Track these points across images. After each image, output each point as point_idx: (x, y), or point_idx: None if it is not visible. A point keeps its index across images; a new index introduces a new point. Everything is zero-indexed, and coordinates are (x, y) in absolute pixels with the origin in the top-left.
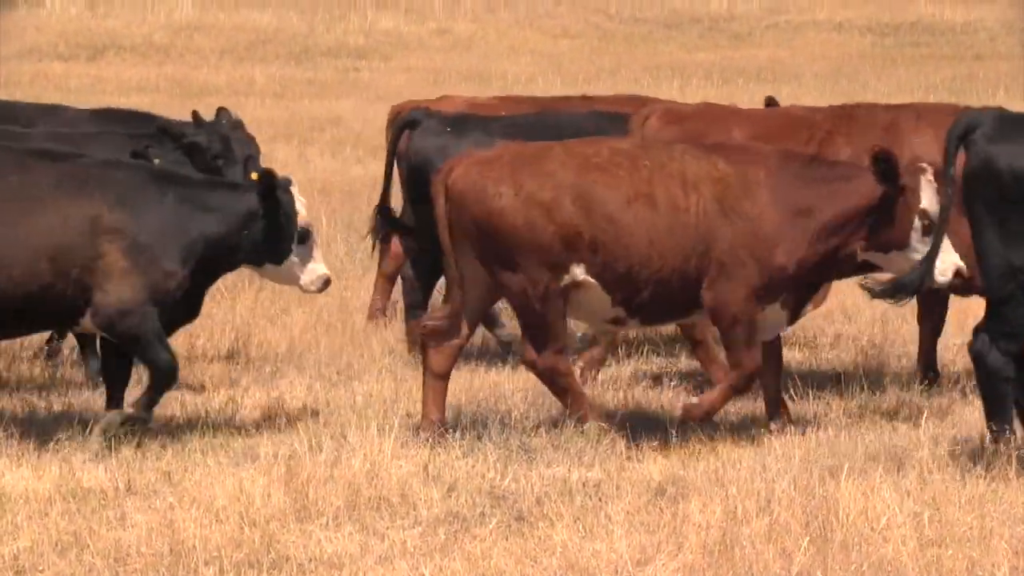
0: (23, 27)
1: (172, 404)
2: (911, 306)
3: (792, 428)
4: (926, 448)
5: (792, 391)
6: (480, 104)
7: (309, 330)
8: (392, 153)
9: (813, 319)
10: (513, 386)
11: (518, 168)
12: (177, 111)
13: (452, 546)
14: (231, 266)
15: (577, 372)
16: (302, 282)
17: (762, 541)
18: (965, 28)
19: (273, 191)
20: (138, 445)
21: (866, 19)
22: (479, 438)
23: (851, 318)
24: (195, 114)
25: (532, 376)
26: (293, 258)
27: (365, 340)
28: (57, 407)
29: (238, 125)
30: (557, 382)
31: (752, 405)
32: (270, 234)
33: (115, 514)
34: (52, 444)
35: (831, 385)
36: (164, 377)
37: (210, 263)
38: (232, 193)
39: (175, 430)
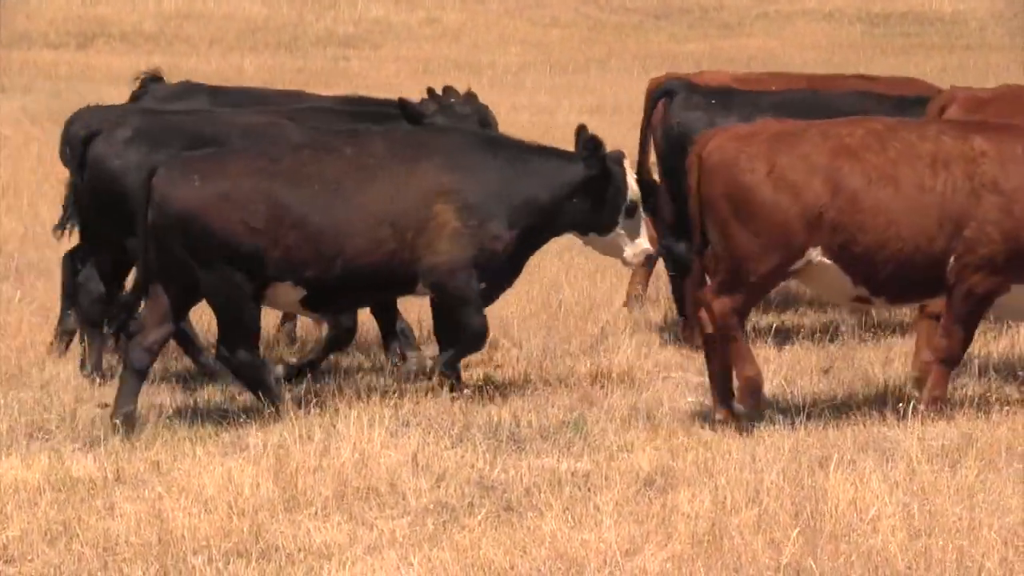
0: (12, 15)
1: (161, 394)
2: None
3: (781, 419)
4: (915, 439)
5: (783, 381)
6: (749, 79)
7: (301, 320)
8: (647, 122)
9: (803, 310)
10: (503, 376)
11: (774, 146)
12: None
13: (441, 536)
14: (554, 232)
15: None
16: (625, 255)
17: (751, 532)
18: (955, 18)
19: (604, 163)
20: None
21: (856, 8)
22: (468, 428)
23: (840, 309)
24: (430, 91)
25: (520, 365)
26: (619, 230)
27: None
28: (46, 397)
29: (472, 98)
30: (727, 330)
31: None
32: (598, 205)
33: (104, 504)
34: (41, 434)
35: (820, 375)
36: (474, 339)
37: (535, 229)
38: (561, 161)
39: (164, 420)
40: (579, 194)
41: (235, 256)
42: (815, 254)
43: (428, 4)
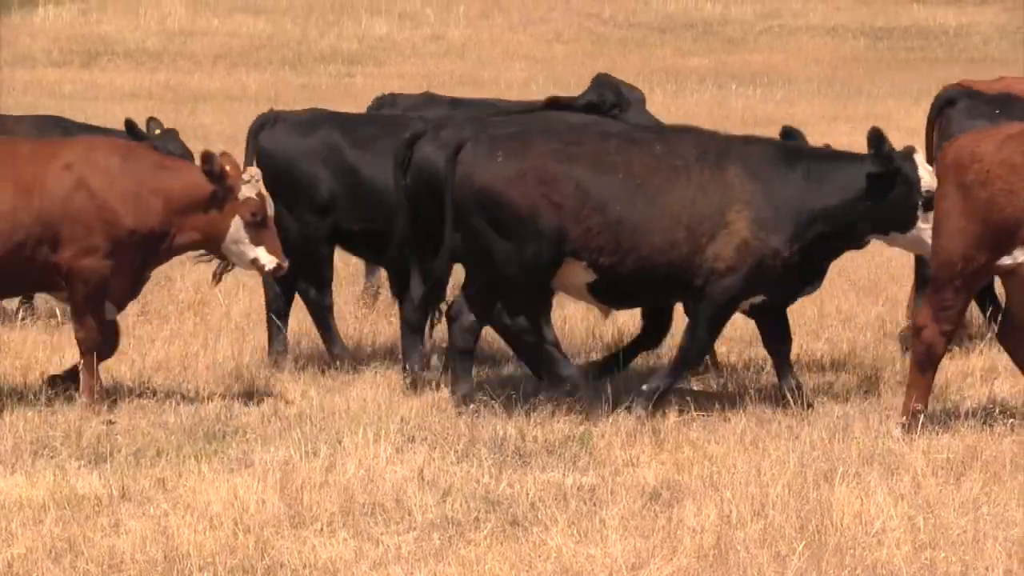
0: (17, 33)
1: (166, 411)
2: (901, 309)
3: (787, 432)
4: (920, 452)
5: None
6: None
7: (303, 336)
8: (930, 131)
9: (808, 323)
10: (508, 390)
11: (1003, 145)
12: (171, 117)
13: (447, 551)
14: (855, 238)
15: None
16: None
17: (756, 545)
18: (959, 32)
19: (892, 160)
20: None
21: (860, 23)
22: (473, 443)
23: (844, 323)
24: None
25: (527, 380)
26: (921, 224)
27: (360, 345)
28: (51, 414)
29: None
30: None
31: (746, 409)
32: (893, 204)
33: (109, 521)
34: (46, 451)
35: (825, 389)
36: (697, 353)
37: (829, 237)
38: (852, 165)
39: (169, 436)
40: (872, 196)
41: (533, 230)
42: (1020, 255)
43: (432, 21)
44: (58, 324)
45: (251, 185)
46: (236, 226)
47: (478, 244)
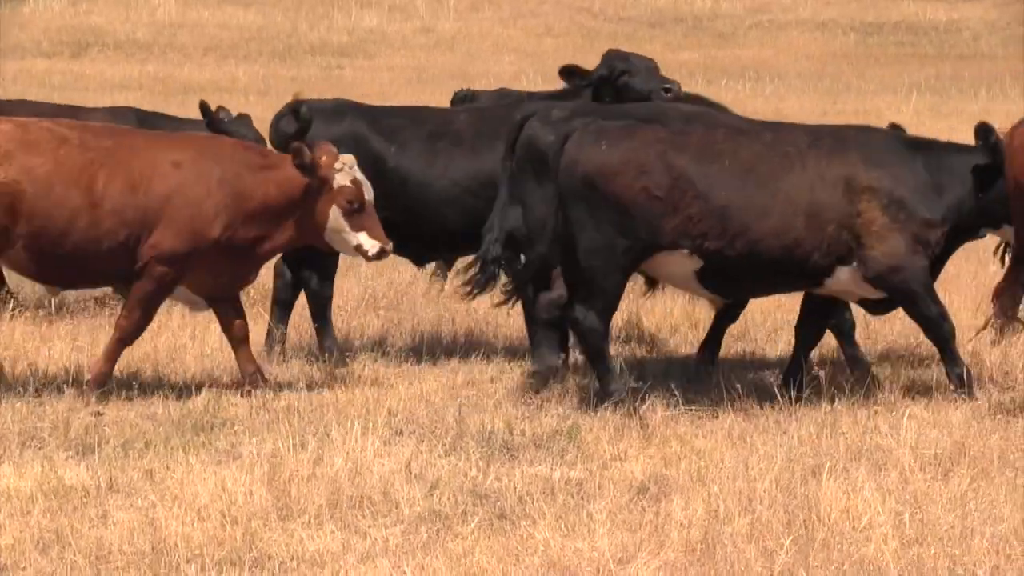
0: (7, 24)
1: (154, 402)
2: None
3: (774, 428)
4: (908, 447)
5: (774, 389)
6: None
7: (292, 328)
8: None
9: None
10: (496, 384)
11: None
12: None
13: (434, 544)
14: (974, 230)
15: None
16: None
17: (744, 540)
18: (948, 27)
19: (998, 151)
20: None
21: (849, 18)
22: (461, 436)
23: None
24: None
25: (515, 374)
26: None
27: (348, 338)
28: (40, 405)
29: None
30: None
31: (738, 403)
32: (1004, 195)
33: (97, 512)
34: (34, 442)
35: (813, 384)
36: (939, 327)
37: (957, 229)
38: (966, 156)
39: (157, 428)
40: (984, 187)
41: (629, 221)
42: None
43: (422, 13)
44: (47, 315)
45: (345, 172)
46: (335, 215)
47: (577, 231)
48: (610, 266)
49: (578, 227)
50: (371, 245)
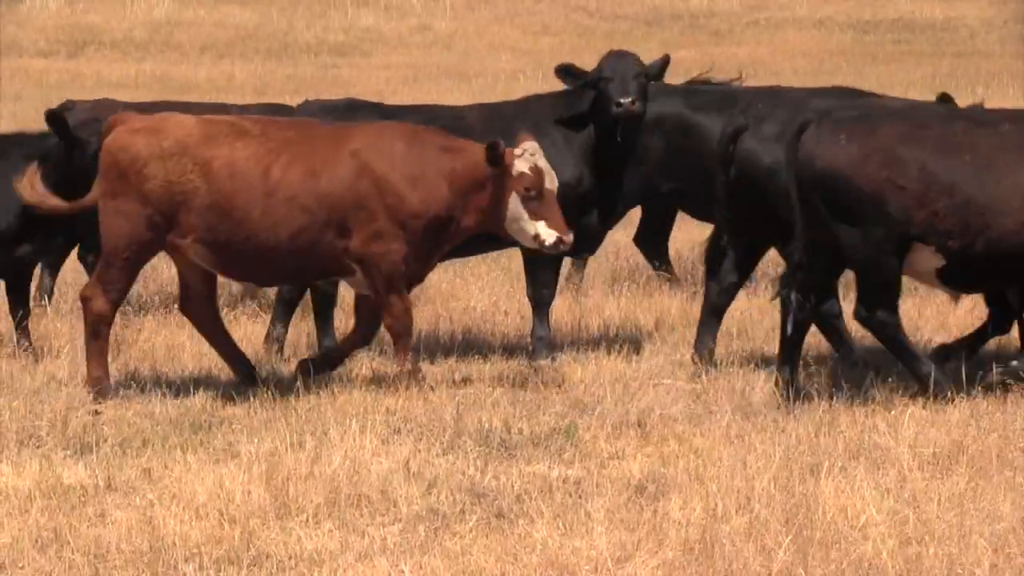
0: (3, 22)
1: (152, 401)
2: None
3: (773, 426)
4: (906, 446)
5: (773, 388)
6: None
7: (291, 327)
8: None
9: None
10: (494, 383)
11: None
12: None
13: (432, 543)
14: None
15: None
16: None
17: (742, 539)
18: (946, 24)
19: None
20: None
21: (846, 15)
22: (459, 435)
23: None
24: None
25: (513, 372)
26: None
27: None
28: (38, 404)
29: None
30: None
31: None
32: None
33: (95, 511)
34: (32, 441)
35: (811, 383)
36: None
37: None
38: None
39: (155, 427)
40: None
41: (877, 213)
42: None
43: (419, 12)
44: (44, 312)
45: (524, 159)
46: (514, 203)
47: (817, 227)
48: (876, 256)
49: (824, 223)
50: (548, 235)
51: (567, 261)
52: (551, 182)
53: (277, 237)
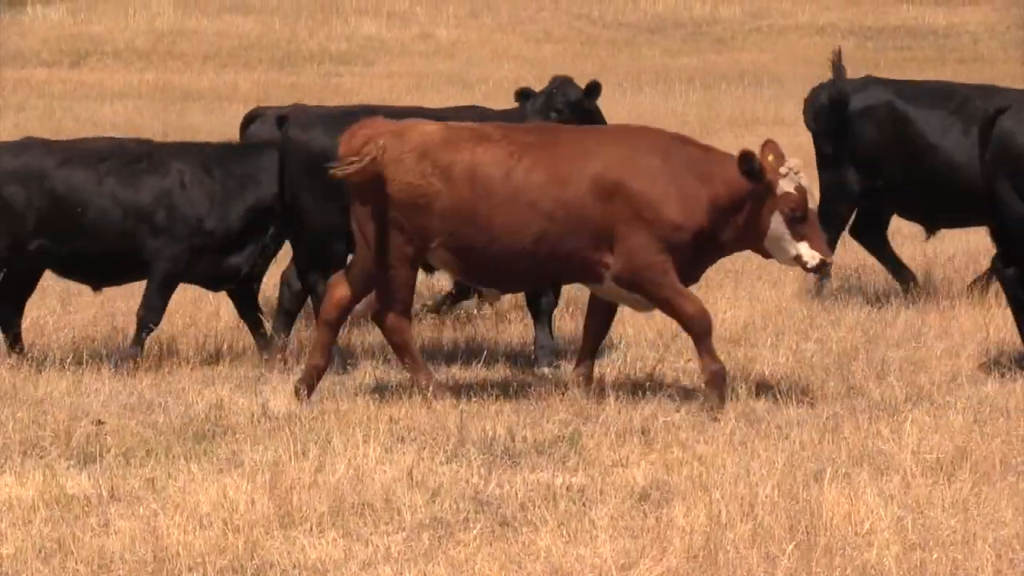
0: (6, 33)
1: (156, 410)
2: (891, 308)
3: (776, 433)
4: (909, 452)
5: (776, 394)
6: None
7: (291, 335)
8: None
9: (797, 323)
10: (497, 390)
11: None
12: (160, 117)
13: (436, 552)
14: None
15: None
16: None
17: (746, 546)
18: (948, 31)
19: None
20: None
21: (848, 22)
22: (463, 443)
23: (834, 323)
24: None
25: (516, 380)
26: None
27: (350, 345)
28: (41, 414)
29: None
30: None
31: (738, 409)
32: None
33: (99, 521)
34: (35, 451)
35: (814, 389)
36: None
37: None
38: None
39: (159, 436)
40: None
41: None
42: None
43: (421, 20)
44: (46, 323)
45: (790, 178)
46: (776, 222)
47: (1012, 209)
48: None
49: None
50: (811, 256)
51: None
52: (814, 201)
53: (520, 243)
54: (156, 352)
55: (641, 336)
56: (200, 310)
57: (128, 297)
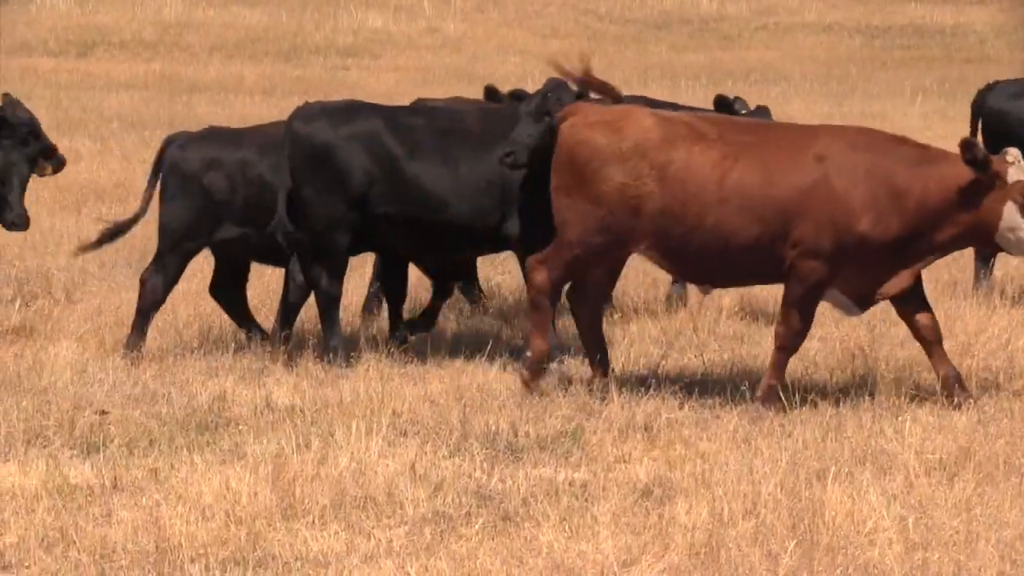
0: (13, 23)
1: (159, 401)
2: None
3: (779, 431)
4: (913, 452)
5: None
6: None
7: (297, 327)
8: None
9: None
10: (501, 385)
11: None
12: (166, 108)
13: (438, 546)
14: None
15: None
16: None
17: (748, 543)
18: (955, 30)
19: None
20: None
21: (855, 21)
22: (466, 438)
23: (838, 321)
24: None
25: (520, 374)
26: None
27: (353, 338)
28: (45, 404)
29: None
30: None
31: (740, 408)
32: None
33: (101, 511)
34: (39, 440)
35: (818, 388)
36: None
37: None
38: None
39: (162, 427)
40: None
41: None
42: None
43: (428, 14)
44: (50, 313)
45: (1018, 167)
46: (1009, 212)
47: None
48: None
49: None
50: None
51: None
52: None
53: (729, 244)
54: (160, 343)
55: (645, 333)
56: (205, 300)
57: (132, 288)
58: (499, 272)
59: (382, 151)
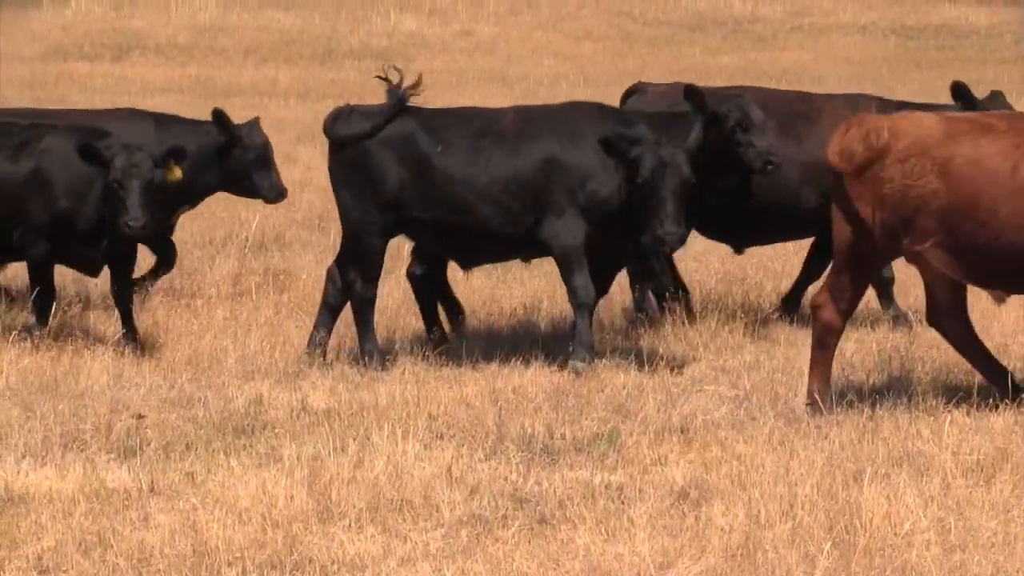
0: (48, 27)
1: (196, 405)
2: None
3: (815, 433)
4: (950, 453)
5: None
6: None
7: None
8: None
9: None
10: (536, 387)
11: None
12: (200, 112)
13: (474, 548)
14: None
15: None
16: None
17: (785, 545)
18: (990, 31)
19: None
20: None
21: (890, 21)
22: (502, 440)
23: (874, 322)
24: None
25: (555, 378)
26: None
27: (388, 342)
28: (81, 408)
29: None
30: None
31: (776, 408)
32: None
33: (138, 515)
34: (76, 444)
35: (855, 389)
36: None
37: None
38: None
39: (198, 431)
40: None
41: None
42: None
43: (462, 17)
44: (79, 314)
45: None
46: None
47: None
48: None
49: None
50: None
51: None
52: None
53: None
54: (196, 346)
55: (680, 335)
56: (241, 304)
57: (166, 292)
58: (533, 275)
59: (416, 154)
